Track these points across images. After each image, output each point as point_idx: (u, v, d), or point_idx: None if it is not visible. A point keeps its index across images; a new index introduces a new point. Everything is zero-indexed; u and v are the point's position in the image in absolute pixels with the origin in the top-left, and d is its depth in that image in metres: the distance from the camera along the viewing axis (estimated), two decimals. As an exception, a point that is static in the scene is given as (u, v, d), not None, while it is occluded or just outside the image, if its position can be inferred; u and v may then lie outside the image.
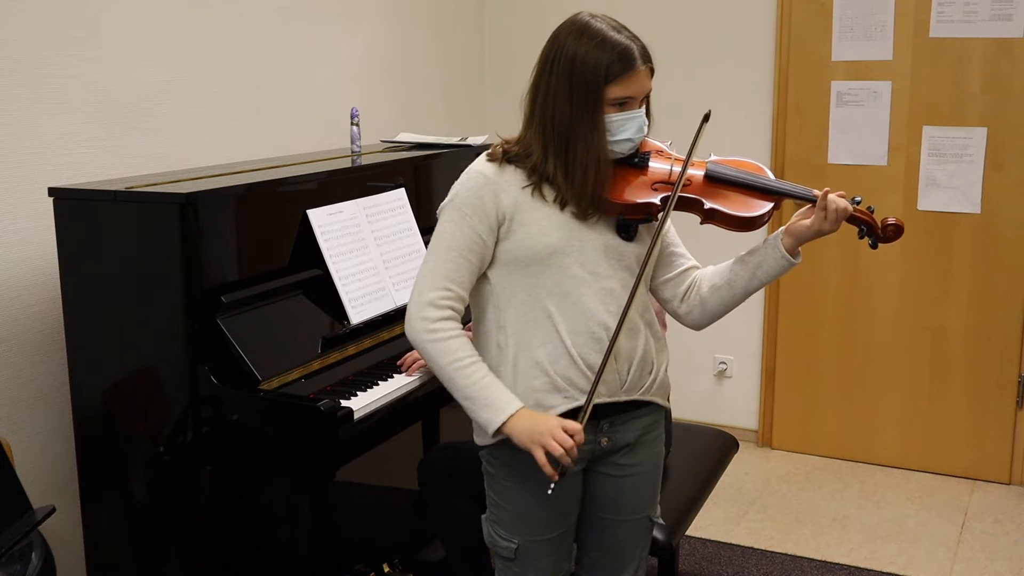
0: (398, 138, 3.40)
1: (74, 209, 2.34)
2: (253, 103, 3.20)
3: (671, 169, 1.99)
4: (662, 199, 1.96)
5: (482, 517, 2.13)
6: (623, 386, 1.98)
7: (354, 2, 3.65)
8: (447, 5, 4.22)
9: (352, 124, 3.11)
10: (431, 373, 2.42)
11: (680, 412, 3.02)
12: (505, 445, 1.99)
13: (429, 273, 1.94)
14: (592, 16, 1.92)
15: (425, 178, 3.08)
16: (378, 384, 2.37)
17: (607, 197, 1.93)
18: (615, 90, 1.88)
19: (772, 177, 2.03)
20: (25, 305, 2.52)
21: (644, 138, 1.99)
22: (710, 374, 4.35)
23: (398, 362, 2.49)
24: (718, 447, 2.96)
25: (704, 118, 1.96)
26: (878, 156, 3.90)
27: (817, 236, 1.97)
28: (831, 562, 3.31)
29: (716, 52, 4.10)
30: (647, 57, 1.91)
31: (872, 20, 3.81)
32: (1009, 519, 3.62)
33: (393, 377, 2.41)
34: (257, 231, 2.44)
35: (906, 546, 3.43)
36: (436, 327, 1.91)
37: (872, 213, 2.01)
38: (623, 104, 1.90)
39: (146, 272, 2.27)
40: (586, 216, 1.94)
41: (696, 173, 2.01)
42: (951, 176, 3.80)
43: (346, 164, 2.90)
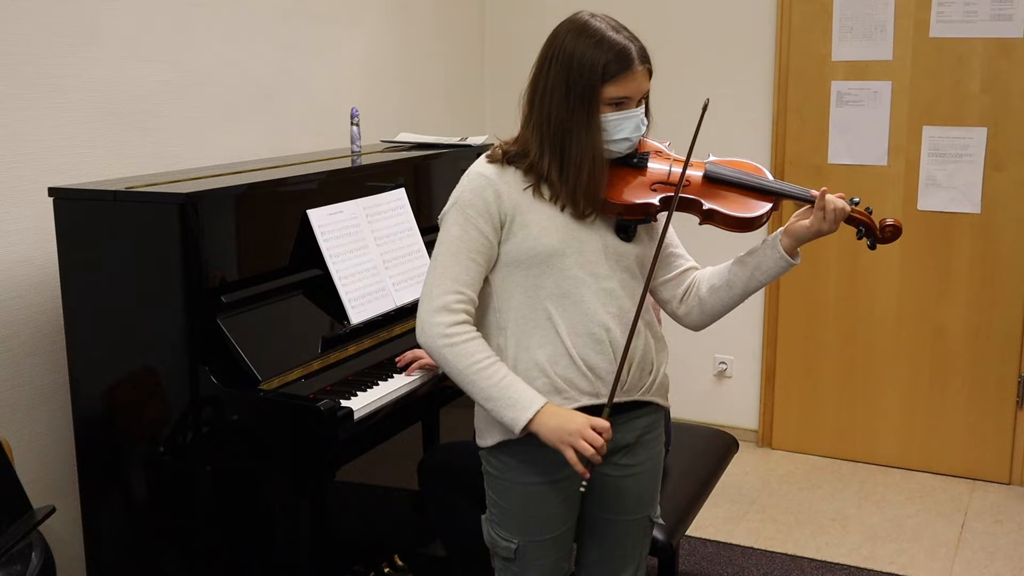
0: (398, 138, 3.40)
1: (74, 209, 2.34)
2: (253, 103, 3.20)
3: (670, 170, 2.00)
4: (661, 199, 1.96)
5: (482, 517, 2.13)
6: (623, 386, 1.98)
7: (354, 2, 3.65)
8: (447, 5, 4.22)
9: (352, 124, 3.11)
10: (431, 373, 2.43)
11: (680, 412, 3.03)
12: (506, 446, 2.00)
13: (439, 278, 1.92)
14: (592, 15, 1.92)
15: (425, 178, 3.08)
16: (378, 384, 2.37)
17: (606, 198, 1.93)
18: (612, 90, 1.88)
19: (771, 178, 2.03)
20: (25, 305, 2.52)
21: (643, 139, 1.99)
22: (710, 374, 4.35)
23: (396, 360, 2.47)
24: (718, 447, 2.96)
25: (703, 107, 1.93)
26: (878, 156, 3.90)
27: (816, 236, 1.98)
28: (831, 562, 3.31)
29: (716, 52, 4.10)
30: (645, 58, 1.91)
31: (872, 20, 3.81)
32: (1009, 519, 3.62)
33: (393, 377, 2.41)
34: (257, 231, 2.44)
35: (906, 546, 3.43)
36: (452, 331, 1.90)
37: (870, 214, 2.02)
38: (620, 104, 1.90)
39: (146, 272, 2.27)
40: (584, 216, 1.93)
41: (695, 174, 2.01)
42: (951, 176, 3.80)
43: (346, 164, 2.90)
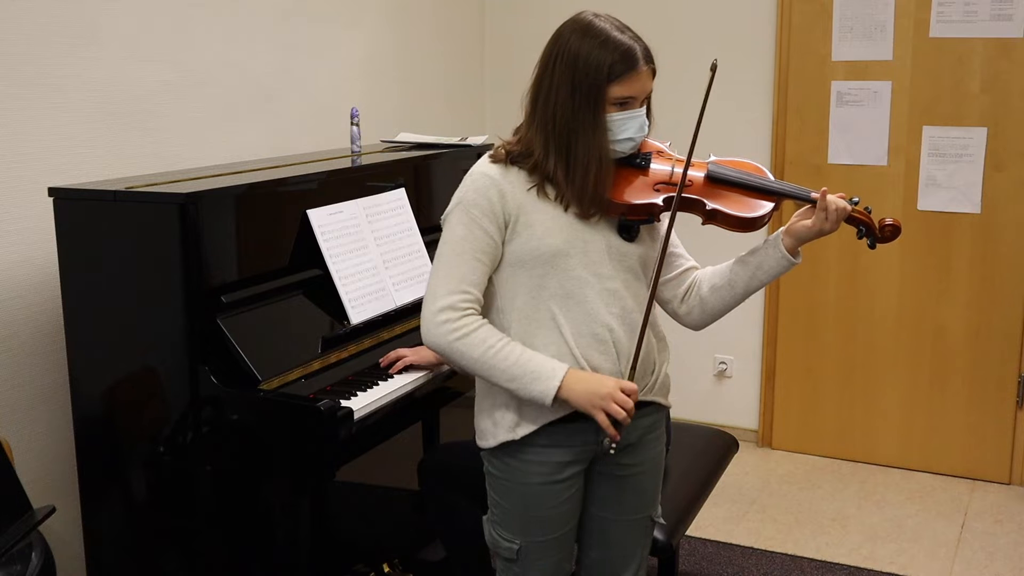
0: (398, 138, 3.39)
1: (74, 209, 2.33)
2: (253, 103, 3.20)
3: (672, 170, 2.00)
4: (664, 200, 1.97)
5: (483, 518, 2.12)
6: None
7: (354, 2, 3.65)
8: (447, 5, 4.22)
9: (352, 124, 3.11)
10: (418, 372, 2.42)
11: (680, 412, 3.02)
12: (508, 447, 1.99)
13: (443, 278, 1.92)
14: (595, 15, 1.92)
15: (425, 178, 3.07)
16: (378, 384, 2.37)
17: (610, 198, 1.93)
18: (617, 90, 1.88)
19: (772, 178, 2.05)
20: (25, 305, 2.52)
21: (644, 139, 1.99)
22: (710, 374, 4.35)
23: (380, 360, 2.45)
24: (718, 447, 2.96)
25: (712, 69, 1.89)
26: (878, 156, 3.90)
27: (817, 236, 1.98)
28: (831, 562, 3.31)
29: (716, 52, 4.05)
30: (649, 58, 1.91)
31: (872, 20, 3.81)
32: (1009, 519, 3.62)
33: (393, 377, 2.41)
34: (257, 231, 2.44)
35: (906, 546, 3.43)
36: (460, 324, 1.90)
37: (870, 213, 2.03)
38: (624, 104, 1.90)
39: (146, 272, 2.26)
40: (588, 216, 1.94)
41: (697, 174, 2.02)
42: (951, 176, 3.80)
43: (346, 164, 2.90)
